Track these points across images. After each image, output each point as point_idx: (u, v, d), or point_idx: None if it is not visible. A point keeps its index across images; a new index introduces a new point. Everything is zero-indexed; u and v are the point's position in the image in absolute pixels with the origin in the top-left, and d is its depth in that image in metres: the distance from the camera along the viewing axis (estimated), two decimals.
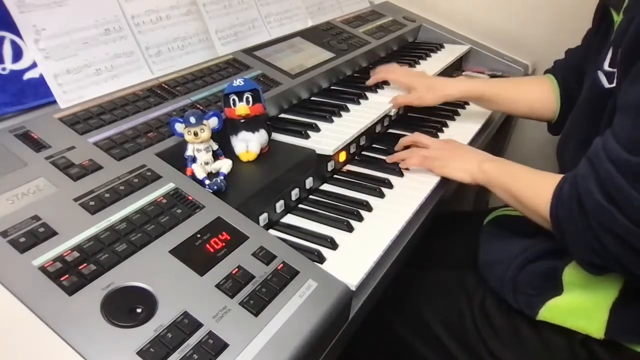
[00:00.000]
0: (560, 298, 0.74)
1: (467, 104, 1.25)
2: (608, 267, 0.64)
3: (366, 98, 1.10)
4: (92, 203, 0.61)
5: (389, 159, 0.96)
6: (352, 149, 0.98)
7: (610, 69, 0.71)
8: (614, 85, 0.70)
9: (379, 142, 1.06)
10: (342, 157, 0.94)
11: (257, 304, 0.54)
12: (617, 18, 0.76)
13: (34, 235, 0.55)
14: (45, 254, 0.54)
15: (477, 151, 0.92)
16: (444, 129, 1.12)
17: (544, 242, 0.79)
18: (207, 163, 0.75)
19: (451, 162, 0.89)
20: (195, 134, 0.73)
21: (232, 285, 0.55)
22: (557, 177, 0.69)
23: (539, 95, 1.02)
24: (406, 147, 0.97)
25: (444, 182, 0.92)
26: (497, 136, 1.48)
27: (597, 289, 0.71)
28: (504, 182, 0.79)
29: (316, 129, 0.93)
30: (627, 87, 0.63)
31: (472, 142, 1.10)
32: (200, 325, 0.51)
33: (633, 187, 0.57)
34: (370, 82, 1.15)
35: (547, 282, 0.75)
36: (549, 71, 1.06)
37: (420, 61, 1.36)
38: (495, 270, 0.82)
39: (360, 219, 0.80)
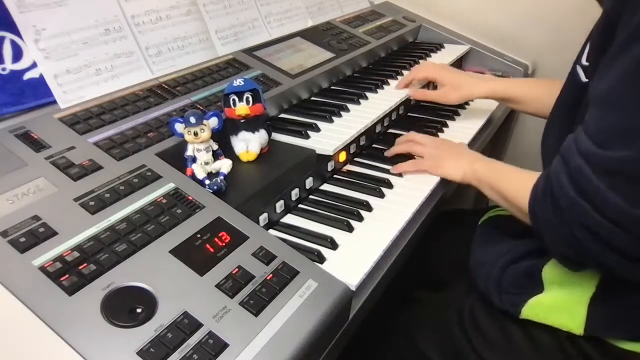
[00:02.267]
0: (542, 296, 0.75)
1: (468, 104, 1.26)
2: (584, 263, 0.64)
3: (366, 98, 1.10)
4: (92, 203, 0.61)
5: (387, 153, 0.99)
6: (352, 149, 0.98)
7: (587, 63, 0.71)
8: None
9: (379, 142, 1.06)
10: (342, 157, 0.94)
11: (257, 304, 0.54)
12: None
13: (34, 235, 0.55)
14: (45, 254, 0.54)
15: (470, 151, 0.93)
16: (444, 129, 1.12)
17: (526, 243, 0.79)
18: (207, 163, 0.75)
19: (444, 161, 0.91)
20: (195, 134, 0.73)
21: (232, 285, 0.55)
22: (538, 175, 0.69)
23: None
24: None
25: (444, 182, 0.92)
26: (497, 136, 1.48)
27: (574, 286, 0.72)
28: (491, 180, 0.80)
29: (316, 129, 0.93)
30: (596, 80, 0.63)
31: (473, 142, 1.11)
32: (200, 325, 0.51)
33: (602, 180, 0.56)
34: (399, 85, 1.16)
35: (529, 281, 0.76)
36: None
37: (420, 61, 1.36)
38: (483, 271, 0.83)
39: (360, 219, 0.80)
